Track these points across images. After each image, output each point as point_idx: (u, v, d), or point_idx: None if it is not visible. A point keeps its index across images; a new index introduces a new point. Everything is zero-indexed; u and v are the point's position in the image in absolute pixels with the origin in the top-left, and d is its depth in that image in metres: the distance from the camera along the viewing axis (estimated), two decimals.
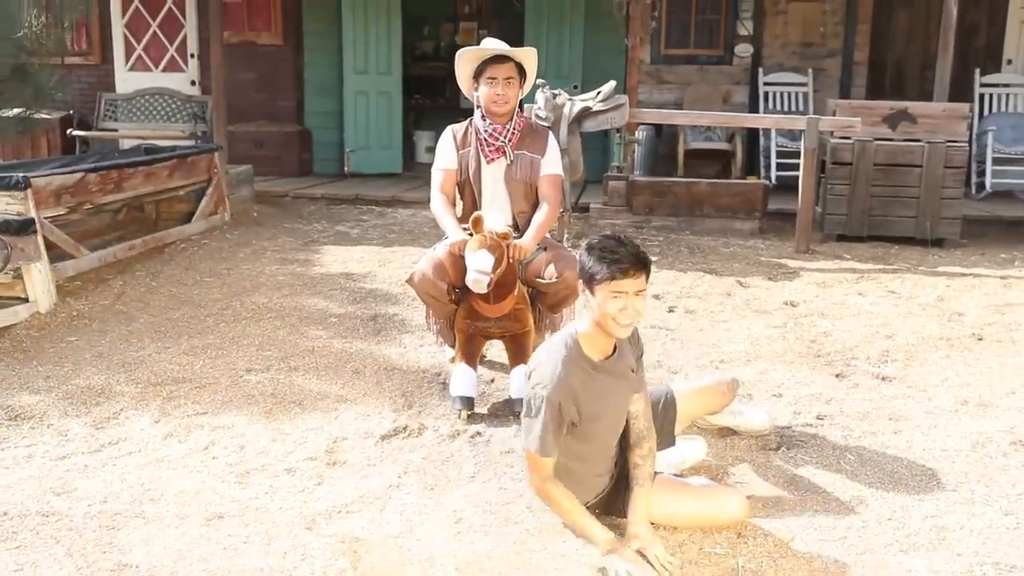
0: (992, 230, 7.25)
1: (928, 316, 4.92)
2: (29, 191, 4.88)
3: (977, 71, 8.69)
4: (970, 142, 7.73)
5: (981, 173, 8.45)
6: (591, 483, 2.75)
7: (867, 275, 5.81)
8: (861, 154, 6.70)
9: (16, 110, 6.45)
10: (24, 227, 4.68)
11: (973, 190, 8.38)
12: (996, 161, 8.31)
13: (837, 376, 4.05)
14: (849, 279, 5.70)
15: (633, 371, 2.74)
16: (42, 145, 9.12)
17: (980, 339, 4.54)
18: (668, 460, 3.00)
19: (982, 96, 8.71)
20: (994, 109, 8.74)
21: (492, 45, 3.78)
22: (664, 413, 2.97)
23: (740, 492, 2.82)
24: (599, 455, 2.73)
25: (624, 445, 2.77)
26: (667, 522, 2.71)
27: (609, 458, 2.76)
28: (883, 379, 4.02)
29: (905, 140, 6.73)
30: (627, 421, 2.75)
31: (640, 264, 2.57)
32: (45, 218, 5.01)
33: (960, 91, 8.13)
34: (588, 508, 2.69)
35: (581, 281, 2.65)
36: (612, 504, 2.77)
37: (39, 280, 4.74)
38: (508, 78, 3.70)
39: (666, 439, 2.95)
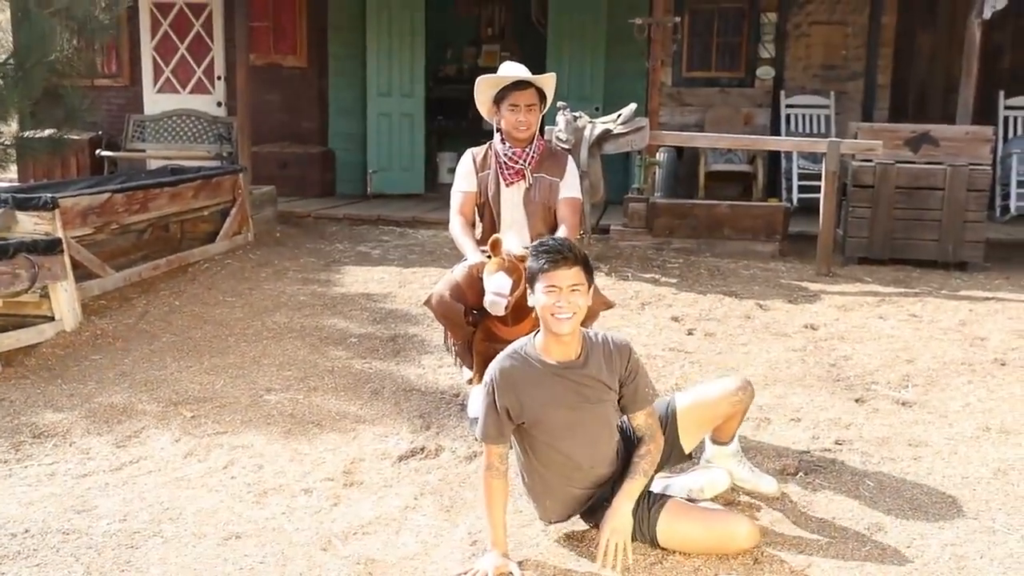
0: (1016, 254, 7.18)
1: (950, 341, 4.88)
2: (57, 211, 4.97)
3: (1001, 93, 8.64)
4: (994, 165, 7.67)
5: (1005, 196, 8.39)
6: (569, 494, 2.77)
7: (888, 299, 5.77)
8: (883, 177, 6.68)
9: (48, 131, 6.58)
10: (51, 247, 4.76)
11: (997, 213, 8.32)
12: (1021, 184, 8.25)
13: (856, 401, 4.02)
14: (870, 302, 5.66)
15: (607, 386, 2.71)
16: (71, 165, 9.28)
17: (1003, 364, 4.50)
18: (688, 485, 2.99)
19: (1006, 119, 8.66)
20: (1018, 132, 8.69)
21: (512, 71, 3.80)
22: (664, 427, 2.94)
23: (749, 519, 2.80)
24: (573, 470, 2.74)
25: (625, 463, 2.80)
26: (676, 546, 2.70)
27: (594, 475, 2.76)
28: (903, 404, 3.99)
29: (927, 163, 6.70)
30: (634, 433, 2.81)
31: (572, 257, 2.63)
32: (72, 238, 5.10)
33: (984, 113, 8.08)
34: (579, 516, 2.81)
35: (528, 284, 2.73)
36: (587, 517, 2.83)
37: (65, 299, 4.81)
38: (529, 105, 3.73)
39: (677, 453, 2.94)
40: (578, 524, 2.86)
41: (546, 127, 6.30)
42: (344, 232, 7.84)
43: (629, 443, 2.84)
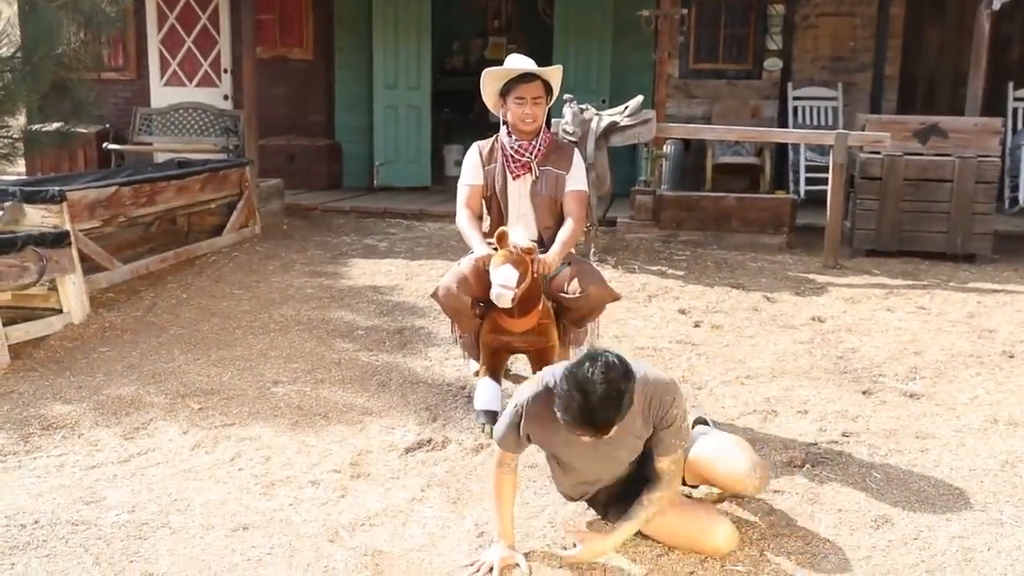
0: None
1: (958, 333, 4.87)
2: (64, 204, 4.98)
3: (1010, 85, 8.59)
4: (1003, 157, 7.64)
5: (1014, 188, 8.36)
6: (577, 489, 2.79)
7: (896, 291, 5.76)
8: (891, 169, 6.66)
9: (55, 124, 6.60)
10: (59, 240, 4.77)
11: (1006, 205, 8.28)
12: None
13: (864, 393, 4.01)
14: (878, 295, 5.65)
15: (639, 437, 2.61)
16: (79, 158, 9.30)
17: (1011, 356, 4.48)
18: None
19: (1015, 110, 8.61)
20: None
21: (518, 63, 3.79)
22: None
23: (731, 524, 2.70)
24: (587, 478, 2.75)
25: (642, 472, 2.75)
26: (654, 533, 2.70)
27: (608, 478, 2.76)
28: (911, 396, 3.98)
29: (936, 155, 6.67)
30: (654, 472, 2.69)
31: (591, 429, 2.38)
32: (80, 231, 5.11)
33: (992, 105, 8.04)
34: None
35: None
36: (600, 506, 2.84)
37: (73, 292, 4.83)
38: (536, 97, 3.71)
39: None
40: (586, 515, 2.87)
41: (552, 119, 6.29)
42: (351, 225, 7.85)
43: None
